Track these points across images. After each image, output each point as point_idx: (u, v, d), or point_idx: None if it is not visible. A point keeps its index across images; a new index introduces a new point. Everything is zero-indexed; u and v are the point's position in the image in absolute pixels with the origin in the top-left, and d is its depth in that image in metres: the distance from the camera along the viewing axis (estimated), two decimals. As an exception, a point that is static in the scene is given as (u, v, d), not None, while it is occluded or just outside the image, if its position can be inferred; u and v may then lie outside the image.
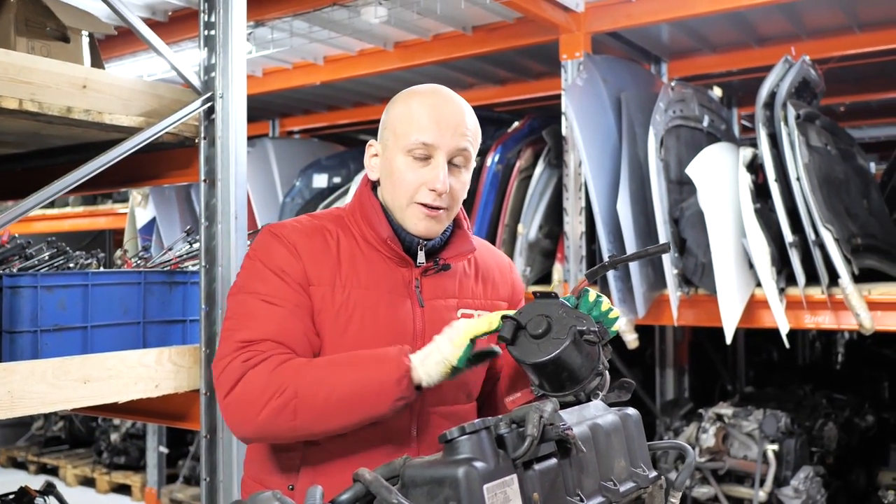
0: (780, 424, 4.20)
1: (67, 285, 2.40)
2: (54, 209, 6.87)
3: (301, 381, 1.54)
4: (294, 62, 5.32)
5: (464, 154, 1.69)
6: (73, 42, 2.84)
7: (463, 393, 1.77)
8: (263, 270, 1.66)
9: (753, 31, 4.87)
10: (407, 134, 1.66)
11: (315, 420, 1.55)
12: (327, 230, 1.72)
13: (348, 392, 1.53)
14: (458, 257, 1.77)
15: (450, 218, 1.73)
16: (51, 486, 3.24)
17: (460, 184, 1.71)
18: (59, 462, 6.69)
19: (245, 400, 1.55)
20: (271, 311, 1.61)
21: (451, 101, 1.72)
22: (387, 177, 1.71)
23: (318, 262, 1.67)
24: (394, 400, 1.54)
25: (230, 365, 1.58)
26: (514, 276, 1.94)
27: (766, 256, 3.71)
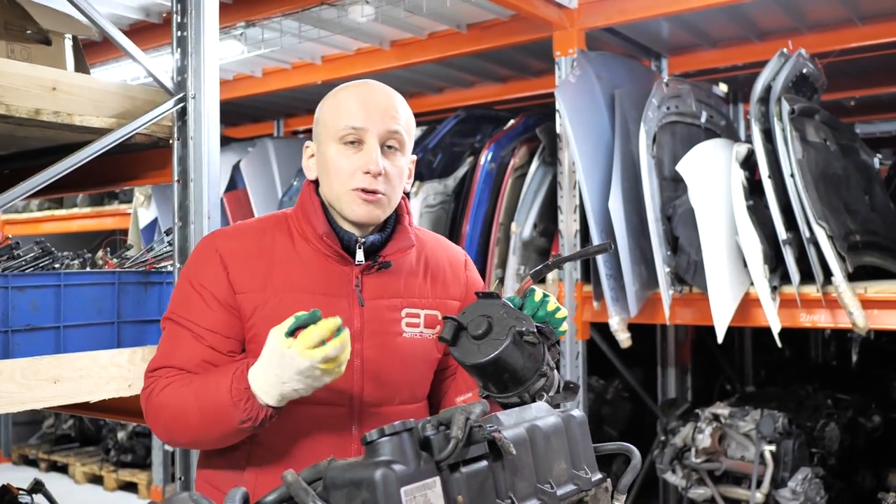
0: (778, 425, 4.15)
1: (39, 286, 2.41)
2: (63, 210, 6.94)
3: (174, 403, 1.60)
4: (293, 62, 5.33)
5: (396, 137, 1.67)
6: (55, 45, 2.86)
7: (406, 392, 1.74)
8: (187, 288, 1.68)
9: (754, 26, 4.80)
10: (336, 122, 1.66)
11: (197, 438, 1.62)
12: (263, 232, 1.72)
13: (199, 415, 1.57)
14: (398, 253, 1.73)
15: (390, 204, 1.70)
16: (39, 484, 3.27)
17: (396, 168, 1.68)
18: (69, 460, 6.76)
19: (152, 424, 1.68)
20: (180, 336, 1.67)
21: (379, 89, 1.72)
22: (323, 170, 1.70)
23: (248, 268, 1.66)
24: (238, 424, 1.53)
25: (141, 393, 1.69)
26: (469, 273, 1.89)
27: (759, 254, 3.66)
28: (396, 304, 1.72)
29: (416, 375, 1.75)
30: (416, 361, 1.74)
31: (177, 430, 1.62)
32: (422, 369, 1.77)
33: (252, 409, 1.52)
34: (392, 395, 1.71)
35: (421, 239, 1.83)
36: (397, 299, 1.72)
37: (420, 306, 1.75)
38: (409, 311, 1.73)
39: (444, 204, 4.72)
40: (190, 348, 1.65)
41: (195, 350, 1.65)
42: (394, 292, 1.72)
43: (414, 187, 4.59)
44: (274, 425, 1.62)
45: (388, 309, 1.70)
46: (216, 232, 1.75)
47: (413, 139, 1.74)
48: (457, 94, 5.98)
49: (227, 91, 5.76)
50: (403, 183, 1.72)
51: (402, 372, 1.72)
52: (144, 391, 1.67)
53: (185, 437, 1.64)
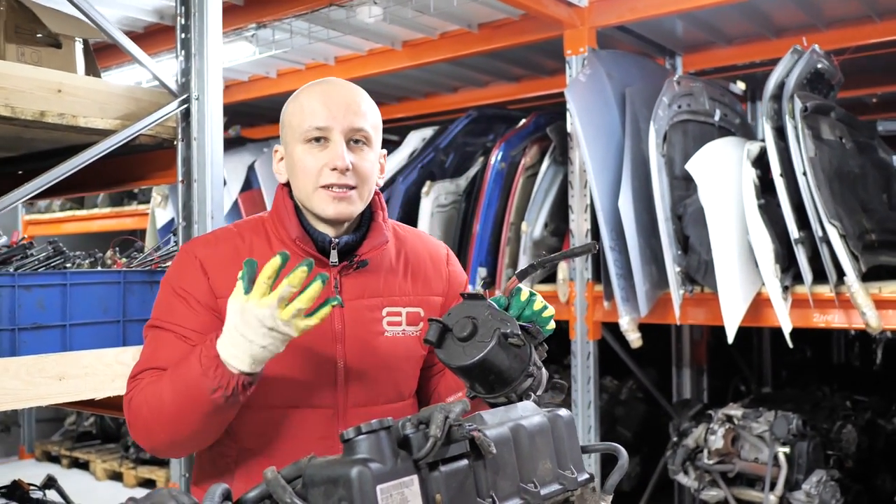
0: (792, 426, 4.10)
1: (46, 284, 2.45)
2: (83, 210, 7.03)
3: (152, 398, 1.56)
4: (306, 63, 5.37)
5: (361, 133, 1.66)
6: (65, 48, 2.90)
7: (392, 391, 1.74)
8: (169, 294, 1.68)
9: (769, 22, 4.76)
10: (300, 124, 1.65)
11: (174, 430, 1.56)
12: (240, 237, 1.71)
13: (172, 397, 1.52)
14: (372, 251, 1.72)
15: (361, 199, 1.68)
16: (52, 480, 3.31)
17: (366, 162, 1.67)
18: (90, 457, 6.85)
19: (133, 428, 1.63)
20: (163, 340, 1.64)
21: (341, 86, 1.71)
22: (291, 172, 1.69)
23: (226, 273, 1.64)
24: (209, 393, 1.47)
25: (125, 398, 1.64)
26: (452, 268, 1.87)
27: (770, 253, 3.63)
28: (377, 304, 1.71)
29: (400, 374, 1.75)
30: (400, 360, 1.74)
31: (155, 426, 1.57)
32: (406, 367, 1.76)
33: (222, 376, 1.47)
34: (377, 395, 1.70)
35: (401, 235, 1.83)
36: (377, 298, 1.71)
37: (401, 304, 1.74)
38: (389, 309, 1.72)
39: (456, 204, 4.72)
40: (174, 349, 1.63)
41: (179, 350, 1.62)
42: (373, 291, 1.71)
43: (425, 187, 4.60)
44: (260, 429, 1.64)
45: (368, 309, 1.69)
46: (194, 240, 1.76)
47: (380, 134, 1.73)
48: (471, 93, 5.98)
49: (243, 92, 5.82)
50: (374, 177, 1.71)
51: (385, 371, 1.71)
52: (126, 397, 1.63)
53: (165, 432, 1.57)
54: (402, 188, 4.73)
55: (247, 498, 1.30)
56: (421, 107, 6.27)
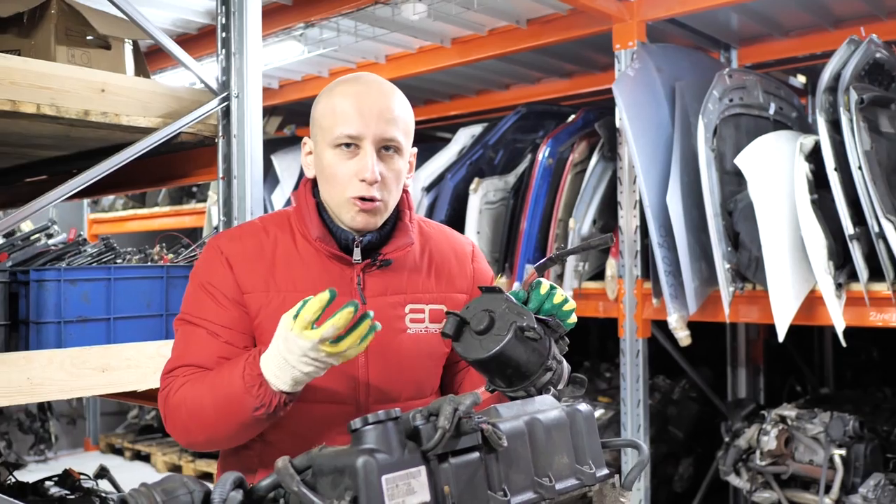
0: (848, 428, 3.97)
1: (91, 279, 2.53)
2: (145, 209, 7.23)
3: (191, 399, 1.59)
4: (357, 62, 5.40)
5: (392, 141, 1.65)
6: (114, 49, 2.98)
7: (414, 388, 1.73)
8: (196, 289, 1.69)
9: (828, 13, 4.61)
10: (332, 128, 1.64)
11: (213, 433, 1.59)
12: (265, 232, 1.72)
13: (214, 406, 1.55)
14: (396, 252, 1.72)
15: (388, 209, 1.69)
16: (104, 470, 3.40)
17: (394, 172, 1.66)
18: (151, 449, 7.03)
19: (170, 425, 1.65)
20: (194, 335, 1.66)
21: (374, 88, 1.68)
22: (320, 173, 1.69)
23: (252, 269, 1.67)
24: (252, 411, 1.52)
25: (159, 395, 1.67)
26: (477, 265, 1.86)
27: (823, 250, 3.53)
28: (399, 301, 1.71)
29: (422, 371, 1.75)
30: (422, 357, 1.74)
31: (194, 428, 1.61)
32: (428, 365, 1.76)
33: (265, 395, 1.51)
34: (399, 392, 1.71)
35: (426, 232, 1.82)
36: (400, 295, 1.71)
37: (424, 301, 1.73)
38: (412, 306, 1.72)
39: (505, 201, 4.70)
40: (206, 345, 1.65)
41: (211, 346, 1.64)
42: (396, 289, 1.71)
43: (473, 184, 4.60)
44: (283, 426, 1.65)
45: (391, 306, 1.69)
46: (220, 234, 1.77)
47: (412, 137, 1.72)
48: (522, 90, 5.95)
49: (297, 92, 5.90)
50: (402, 185, 1.70)
51: (407, 368, 1.71)
52: (162, 393, 1.66)
53: (203, 434, 1.61)
54: (451, 185, 4.73)
55: (260, 486, 1.32)
56: (473, 104, 6.26)
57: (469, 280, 1.82)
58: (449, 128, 5.68)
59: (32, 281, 2.44)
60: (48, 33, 2.81)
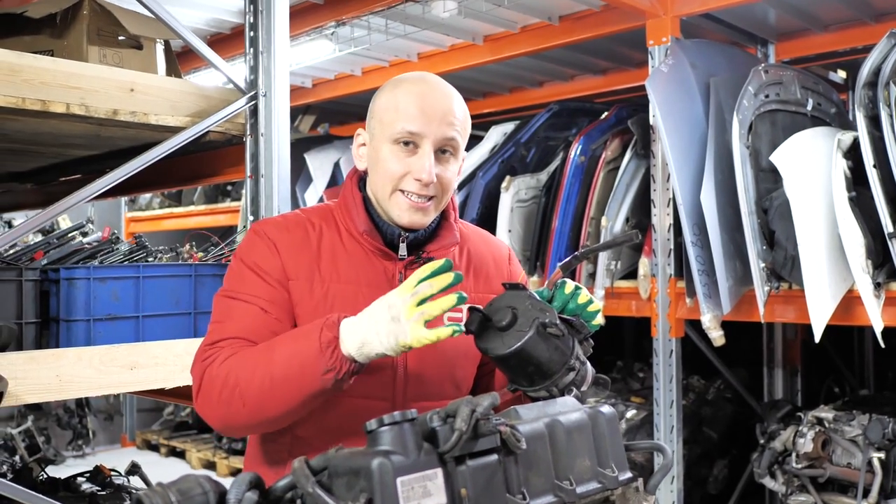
0: (887, 430, 3.88)
1: (120, 277, 2.56)
2: (180, 207, 7.31)
3: (242, 368, 1.53)
4: (390, 60, 5.40)
5: (451, 143, 1.66)
6: (146, 49, 3.00)
7: (450, 387, 1.73)
8: (242, 268, 1.68)
9: (868, 6, 4.50)
10: (393, 123, 1.64)
11: (262, 404, 1.52)
12: (310, 223, 1.73)
13: (279, 370, 1.50)
14: (441, 250, 1.72)
15: (438, 209, 1.70)
16: (136, 467, 3.46)
17: (449, 174, 1.67)
18: (186, 446, 7.11)
19: (205, 398, 1.58)
20: (242, 310, 1.63)
21: (438, 88, 1.69)
22: (372, 166, 1.69)
23: (297, 257, 1.67)
24: (321, 373, 1.47)
25: (194, 369, 1.62)
26: (513, 267, 1.87)
27: (860, 248, 3.44)
28: None
29: (459, 370, 1.75)
30: (459, 356, 1.73)
31: (236, 400, 1.52)
32: (465, 364, 1.76)
33: (337, 358, 1.47)
34: (435, 391, 1.70)
35: (464, 233, 1.83)
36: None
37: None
38: None
39: (536, 199, 4.67)
40: (256, 319, 1.61)
41: (261, 321, 1.61)
42: None
43: (505, 182, 4.57)
44: (315, 420, 1.63)
45: None
46: (265, 221, 1.76)
47: (467, 139, 1.71)
48: (556, 87, 5.90)
49: (329, 90, 5.92)
50: (454, 188, 1.71)
51: (445, 367, 1.71)
52: (200, 365, 1.59)
53: (246, 407, 1.52)
54: (483, 183, 4.71)
55: (276, 487, 1.32)
56: (506, 102, 6.22)
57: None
58: (482, 125, 5.65)
59: (63, 279, 2.47)
60: (80, 34, 2.84)
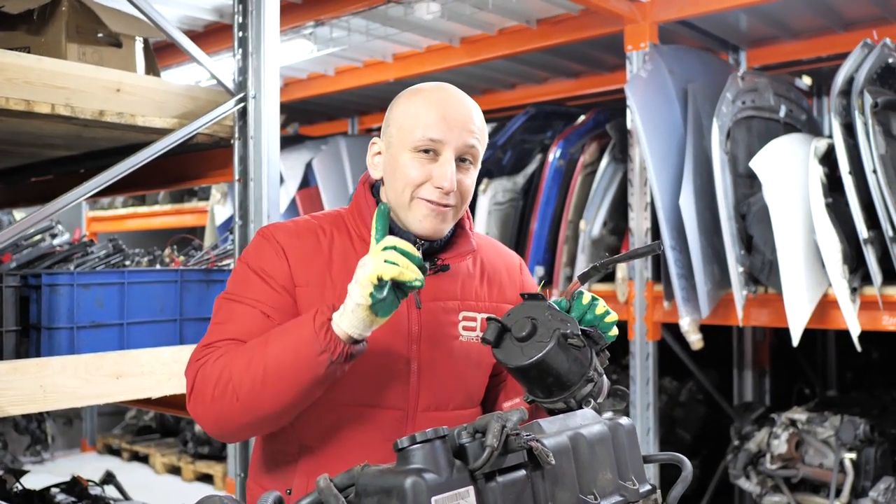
0: (859, 431, 3.96)
1: (104, 283, 2.48)
2: (145, 207, 7.16)
3: (235, 363, 1.50)
4: (364, 60, 5.36)
5: (471, 152, 1.63)
6: (125, 47, 2.93)
7: (463, 397, 1.71)
8: (247, 272, 1.64)
9: (838, 16, 4.59)
10: (413, 130, 1.60)
11: (256, 398, 1.48)
12: (321, 230, 1.69)
13: (273, 360, 1.47)
14: (457, 258, 1.70)
15: (457, 217, 1.67)
16: (110, 476, 3.38)
17: (468, 182, 1.65)
18: (150, 450, 6.96)
19: (198, 397, 1.54)
20: (243, 313, 1.59)
21: (457, 97, 1.66)
22: (390, 175, 1.65)
23: (307, 263, 1.64)
24: (316, 355, 1.44)
25: (188, 370, 1.58)
26: (524, 277, 1.86)
27: (837, 253, 3.50)
28: (454, 307, 1.68)
29: (472, 380, 1.72)
30: (472, 366, 1.71)
31: (228, 396, 1.48)
32: (478, 374, 1.74)
33: (331, 339, 1.44)
34: (448, 400, 1.67)
35: (477, 243, 1.80)
36: (454, 301, 1.69)
37: (477, 310, 1.71)
38: (466, 314, 1.70)
39: (514, 202, 4.66)
40: (256, 323, 1.57)
41: (263, 325, 1.57)
42: (451, 295, 1.69)
43: (482, 185, 4.56)
44: (325, 427, 1.60)
45: (444, 312, 1.67)
46: (275, 225, 1.72)
47: (485, 149, 1.69)
48: (529, 90, 5.91)
49: (302, 90, 5.85)
50: (471, 196, 1.68)
51: (458, 376, 1.69)
52: (194, 365, 1.56)
53: (240, 403, 1.48)
54: (458, 186, 4.68)
55: (300, 504, 1.28)
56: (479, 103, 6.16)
57: (518, 291, 1.80)
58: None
59: (44, 285, 2.39)
60: (59, 31, 2.76)
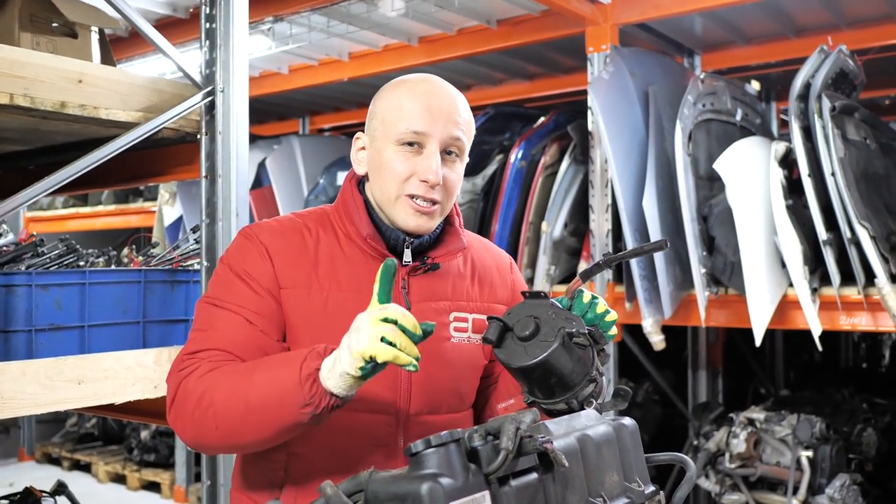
0: (815, 430, 4.03)
1: (63, 284, 2.36)
2: (87, 207, 6.92)
3: (218, 388, 1.43)
4: (319, 59, 5.27)
5: (457, 144, 1.58)
6: (80, 38, 2.80)
7: (455, 400, 1.65)
8: (229, 275, 1.57)
9: (791, 22, 4.68)
10: (397, 123, 1.55)
11: (235, 430, 1.43)
12: (307, 229, 1.63)
13: (256, 397, 1.40)
14: (447, 256, 1.65)
15: (443, 214, 1.62)
16: (62, 486, 3.21)
17: (454, 176, 1.59)
18: (92, 459, 6.74)
19: (178, 411, 1.48)
20: (226, 319, 1.53)
21: (442, 89, 1.61)
22: (375, 170, 1.60)
23: (293, 264, 1.57)
24: (299, 407, 1.37)
25: (171, 378, 1.51)
26: (515, 277, 1.81)
27: (799, 255, 3.55)
28: (444, 308, 1.63)
29: (464, 382, 1.67)
30: (465, 367, 1.66)
31: (209, 419, 1.42)
32: (470, 376, 1.69)
33: (316, 393, 1.36)
34: (440, 404, 1.62)
35: (466, 241, 1.75)
36: (445, 302, 1.64)
37: (468, 310, 1.66)
38: (457, 314, 1.64)
39: (473, 203, 4.63)
40: (239, 331, 1.51)
41: (245, 333, 1.51)
42: (441, 295, 1.63)
43: (441, 186, 4.51)
44: (314, 436, 1.54)
45: (435, 312, 1.61)
46: (259, 225, 1.64)
47: (471, 142, 1.64)
48: (485, 91, 5.89)
49: (254, 88, 5.63)
50: (458, 190, 1.63)
51: (450, 379, 1.63)
52: (177, 375, 1.49)
53: (219, 429, 1.43)
54: (417, 186, 4.63)
55: (306, 514, 1.21)
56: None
57: (509, 291, 1.76)
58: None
59: (0, 286, 2.26)
60: (11, 19, 2.63)
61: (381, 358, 1.31)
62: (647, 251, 1.55)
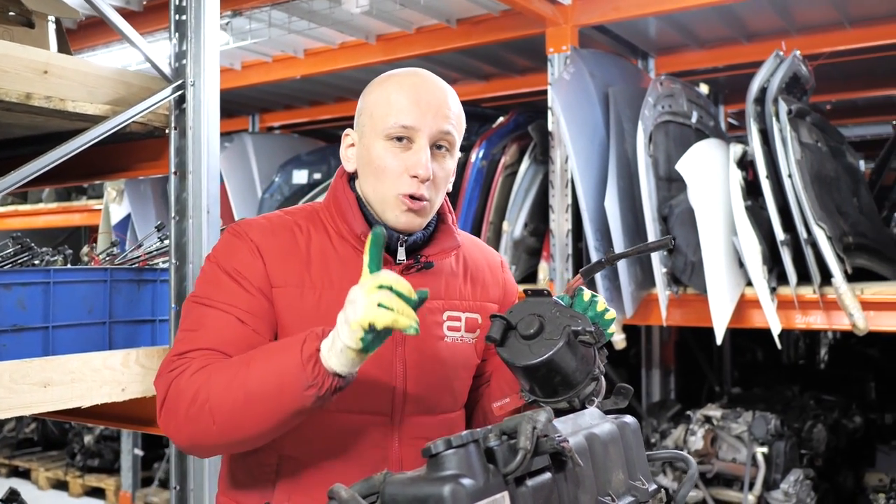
0: (770, 427, 4.12)
1: (27, 283, 2.25)
2: (27, 205, 6.69)
3: (214, 382, 1.39)
4: (274, 55, 5.18)
5: (447, 138, 1.56)
6: (38, 27, 2.69)
7: (449, 399, 1.64)
8: (218, 273, 1.53)
9: (743, 27, 4.78)
10: (385, 117, 1.53)
11: (234, 423, 1.39)
12: (297, 226, 1.59)
13: (256, 385, 1.37)
14: (441, 254, 1.63)
15: (433, 210, 1.59)
16: (14, 494, 3.10)
17: (444, 171, 1.57)
18: (31, 465, 6.51)
19: (170, 410, 1.43)
20: (216, 319, 1.48)
21: (431, 82, 1.59)
22: (365, 166, 1.57)
23: (284, 262, 1.54)
24: (303, 389, 1.34)
25: (161, 379, 1.47)
26: (506, 275, 1.80)
27: (758, 255, 3.62)
28: (438, 307, 1.61)
29: (458, 382, 1.65)
30: (459, 367, 1.64)
31: (204, 417, 1.38)
32: (463, 375, 1.67)
33: (319, 373, 1.34)
34: (435, 403, 1.60)
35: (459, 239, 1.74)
36: (438, 301, 1.61)
37: (461, 309, 1.64)
38: (450, 313, 1.63)
39: (432, 202, 4.60)
40: (231, 330, 1.47)
41: (237, 332, 1.47)
42: (435, 294, 1.60)
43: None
44: (306, 435, 1.50)
45: (429, 311, 1.59)
46: (248, 222, 1.60)
47: (462, 137, 1.62)
48: (439, 91, 5.86)
49: (204, 84, 5.59)
50: (448, 186, 1.61)
51: (445, 378, 1.61)
52: (167, 376, 1.45)
53: (216, 425, 1.39)
54: (375, 186, 4.59)
55: (317, 519, 1.17)
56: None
57: (501, 290, 1.75)
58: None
59: (-40, 285, 2.15)
60: (-35, 7, 2.52)
61: (381, 323, 1.28)
62: (651, 249, 1.55)
